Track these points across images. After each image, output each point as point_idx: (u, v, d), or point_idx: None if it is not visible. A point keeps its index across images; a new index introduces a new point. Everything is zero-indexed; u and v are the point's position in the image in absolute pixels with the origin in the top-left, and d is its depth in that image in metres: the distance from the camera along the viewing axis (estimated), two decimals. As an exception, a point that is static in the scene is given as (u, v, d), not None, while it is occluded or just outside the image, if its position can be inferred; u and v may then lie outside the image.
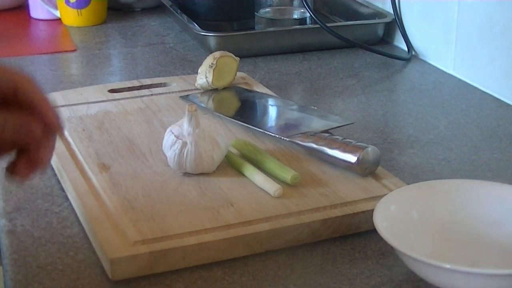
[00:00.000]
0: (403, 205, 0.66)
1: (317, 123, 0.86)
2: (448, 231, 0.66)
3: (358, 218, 0.68)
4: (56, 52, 1.20)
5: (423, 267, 0.58)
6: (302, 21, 1.27)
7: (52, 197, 0.75)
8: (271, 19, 1.27)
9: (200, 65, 0.96)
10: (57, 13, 1.35)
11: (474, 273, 0.56)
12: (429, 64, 1.14)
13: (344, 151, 0.75)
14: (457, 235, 0.66)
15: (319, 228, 0.67)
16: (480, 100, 1.00)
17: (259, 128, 0.84)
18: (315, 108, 0.92)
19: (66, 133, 0.84)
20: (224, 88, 0.97)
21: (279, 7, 1.29)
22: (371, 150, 0.74)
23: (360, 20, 1.25)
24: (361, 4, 1.30)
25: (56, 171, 0.78)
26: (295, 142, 0.80)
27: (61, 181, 0.77)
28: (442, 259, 0.61)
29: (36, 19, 1.38)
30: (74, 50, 1.20)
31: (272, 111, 0.93)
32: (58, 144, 0.80)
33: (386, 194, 0.67)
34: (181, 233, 0.65)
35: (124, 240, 0.64)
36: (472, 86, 1.04)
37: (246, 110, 0.94)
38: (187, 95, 0.95)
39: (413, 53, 1.17)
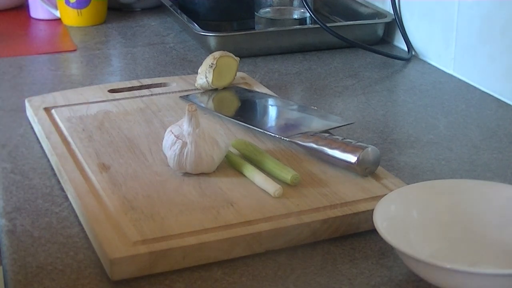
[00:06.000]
0: (403, 205, 0.66)
1: (317, 123, 0.86)
2: (448, 231, 0.66)
3: (358, 218, 0.68)
4: (56, 52, 1.20)
5: (423, 267, 0.58)
6: (302, 21, 1.27)
7: (52, 197, 0.75)
8: (271, 19, 1.27)
9: (200, 65, 0.96)
10: (57, 13, 1.35)
11: (474, 273, 0.56)
12: (429, 64, 1.14)
13: (344, 151, 0.75)
14: (457, 235, 0.66)
15: (319, 228, 0.67)
16: (480, 100, 1.00)
17: (259, 128, 0.84)
18: (315, 108, 0.92)
19: (66, 133, 0.84)
20: (224, 88, 0.97)
21: (279, 7, 1.29)
22: (371, 150, 0.74)
23: (360, 20, 1.25)
24: (361, 4, 1.30)
25: (56, 171, 0.78)
26: (295, 142, 0.80)
27: (61, 181, 0.77)
28: (442, 259, 0.61)
29: (36, 19, 1.38)
30: (74, 50, 1.20)
31: (272, 111, 0.93)
32: (58, 144, 0.81)
33: (386, 194, 0.67)
34: (181, 233, 0.65)
35: (124, 240, 0.64)
36: (472, 86, 1.04)
37: (246, 110, 0.94)
38: (187, 95, 0.95)
39: (413, 53, 1.17)
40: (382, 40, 1.22)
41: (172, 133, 0.76)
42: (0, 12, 1.42)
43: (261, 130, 0.84)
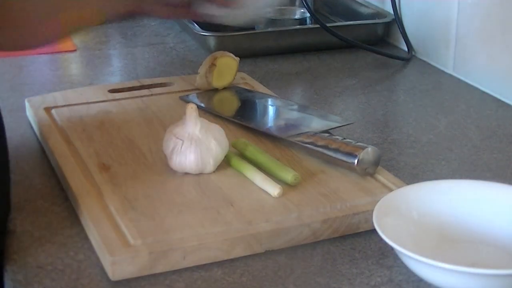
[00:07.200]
0: (403, 205, 0.66)
1: (317, 123, 0.86)
2: (448, 231, 0.66)
3: (358, 218, 0.68)
4: (56, 52, 1.20)
5: (423, 267, 0.58)
6: (302, 21, 1.27)
7: (52, 197, 0.75)
8: (271, 19, 1.27)
9: (200, 65, 0.96)
10: (57, 13, 1.35)
11: (474, 273, 0.56)
12: (429, 64, 1.14)
13: (344, 151, 0.75)
14: (457, 235, 0.66)
15: (319, 228, 0.67)
16: (480, 100, 1.00)
17: (259, 128, 0.84)
18: (315, 108, 0.92)
19: (66, 133, 0.84)
20: (224, 88, 0.97)
21: (279, 7, 1.29)
22: (371, 150, 0.74)
23: (360, 20, 1.25)
24: (361, 4, 1.30)
25: (56, 171, 0.78)
26: (295, 142, 0.80)
27: (61, 181, 0.77)
28: (442, 259, 0.61)
29: (36, 19, 1.38)
30: (74, 50, 1.20)
31: (272, 111, 0.93)
32: (58, 144, 0.81)
33: (386, 194, 0.67)
34: (181, 233, 0.65)
35: (124, 240, 0.64)
36: (472, 86, 1.04)
37: (246, 110, 0.94)
38: (187, 95, 0.95)
39: (413, 53, 1.17)
40: (382, 40, 1.22)
41: (172, 133, 0.76)
42: (0, 12, 1.42)
43: (261, 130, 0.84)
